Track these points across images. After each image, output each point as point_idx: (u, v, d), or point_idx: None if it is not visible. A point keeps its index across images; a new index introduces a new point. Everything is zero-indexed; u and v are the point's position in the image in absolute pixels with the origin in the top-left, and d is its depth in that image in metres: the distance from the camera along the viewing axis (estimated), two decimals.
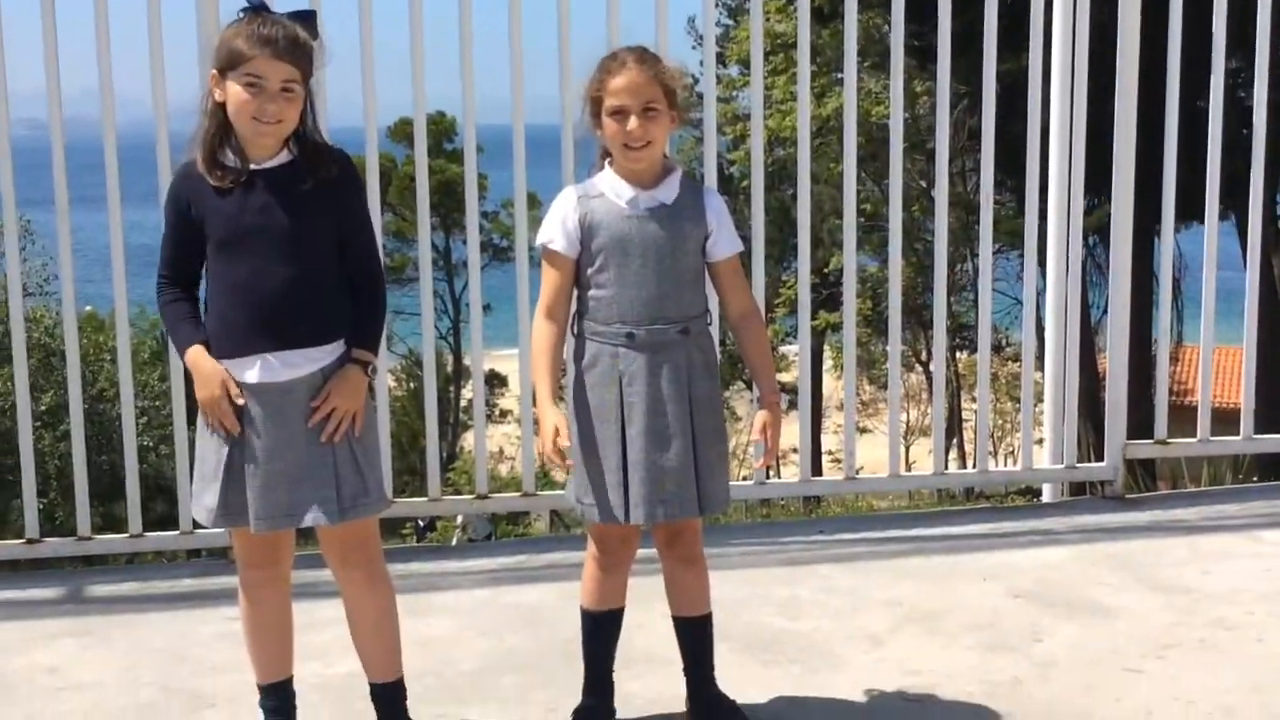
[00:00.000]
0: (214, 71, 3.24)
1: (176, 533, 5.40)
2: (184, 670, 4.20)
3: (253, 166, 3.26)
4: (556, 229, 3.46)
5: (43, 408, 16.70)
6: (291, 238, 3.24)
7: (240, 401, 3.23)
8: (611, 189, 3.46)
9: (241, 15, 3.26)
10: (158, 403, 19.47)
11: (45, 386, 17.51)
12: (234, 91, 3.20)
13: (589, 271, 3.46)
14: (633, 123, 3.35)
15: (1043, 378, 6.38)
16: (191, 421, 4.17)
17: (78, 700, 3.98)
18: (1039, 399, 6.33)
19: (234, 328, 3.26)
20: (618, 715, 3.74)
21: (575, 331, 3.53)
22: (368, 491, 3.37)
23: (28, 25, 5.05)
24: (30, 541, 5.25)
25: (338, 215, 3.31)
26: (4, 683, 4.12)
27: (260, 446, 3.28)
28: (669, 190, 3.46)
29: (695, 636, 3.71)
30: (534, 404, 3.52)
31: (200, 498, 3.38)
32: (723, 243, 3.52)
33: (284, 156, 3.29)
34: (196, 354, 3.28)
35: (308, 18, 3.33)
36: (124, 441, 5.37)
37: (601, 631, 3.69)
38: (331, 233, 3.31)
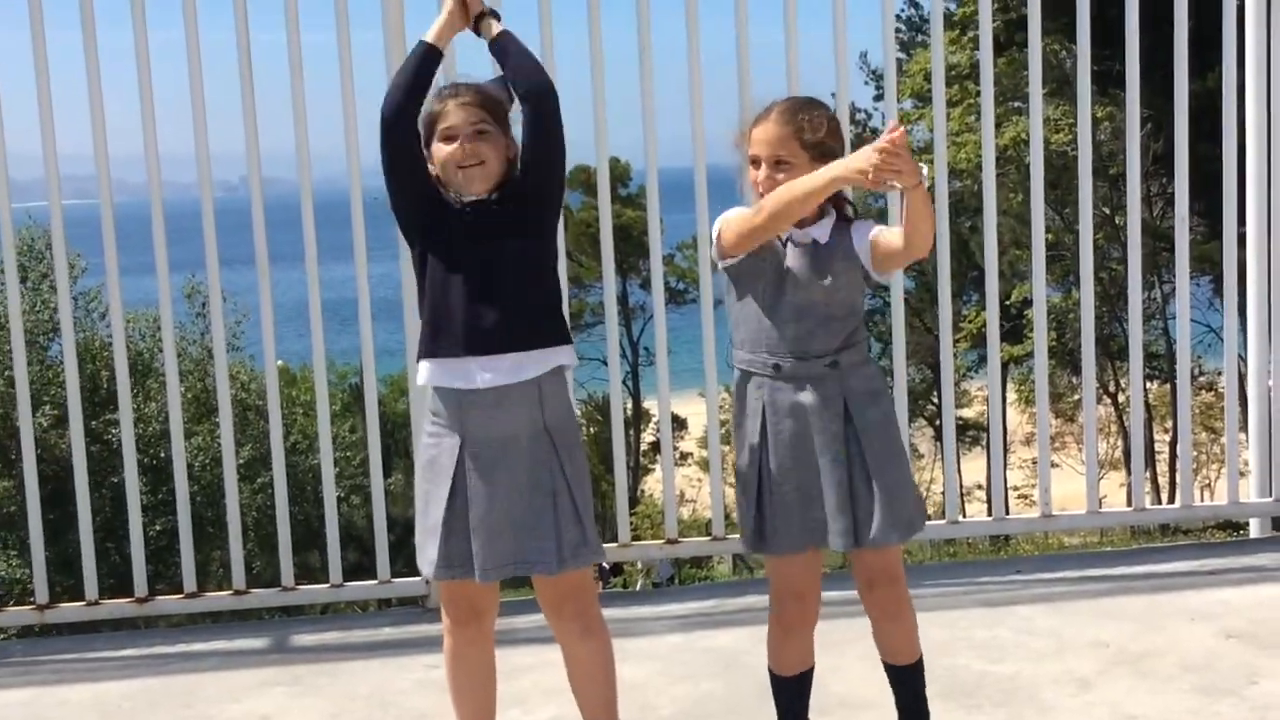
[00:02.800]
0: (427, 151, 3.38)
1: (374, 582, 5.51)
2: (389, 717, 4.27)
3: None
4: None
5: (240, 461, 17.28)
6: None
7: None
8: None
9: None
10: (348, 453, 20.03)
11: (241, 441, 18.12)
12: (437, 152, 3.34)
13: (741, 299, 3.47)
14: (762, 173, 3.41)
15: (1242, 407, 6.15)
16: (386, 474, 4.26)
17: None
18: (1240, 428, 6.10)
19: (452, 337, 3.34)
20: None
21: (731, 362, 3.54)
22: (587, 541, 3.39)
23: (224, 88, 5.25)
24: (238, 593, 5.41)
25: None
26: None
27: (483, 495, 3.32)
28: (822, 230, 3.44)
29: (904, 682, 3.65)
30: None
31: (424, 550, 3.41)
32: (869, 233, 3.43)
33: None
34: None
35: (498, 81, 3.45)
36: (324, 495, 5.51)
37: (791, 693, 3.65)
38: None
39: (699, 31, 5.35)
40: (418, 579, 5.46)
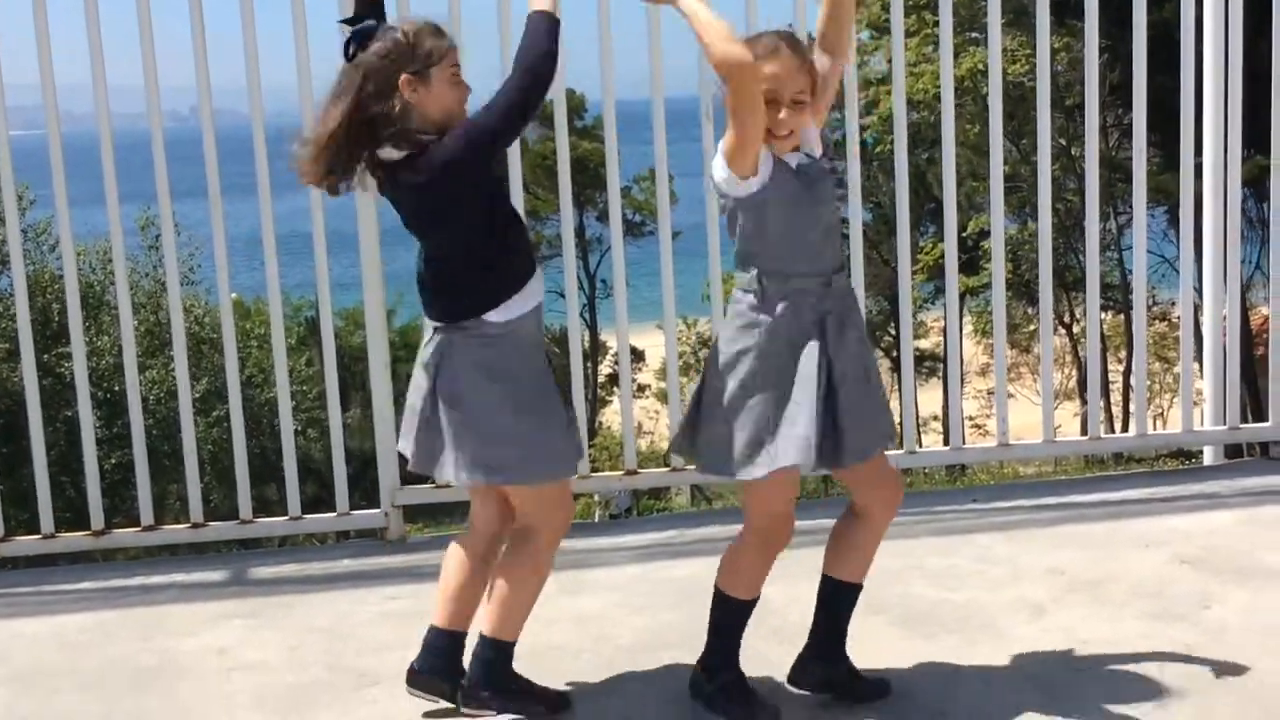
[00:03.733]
0: (407, 76, 3.40)
1: (333, 515, 5.50)
2: (348, 650, 4.27)
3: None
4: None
5: (195, 395, 17.13)
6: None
7: None
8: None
9: (361, 31, 3.47)
10: (304, 387, 19.93)
11: (196, 374, 17.97)
12: (441, 86, 3.43)
13: (770, 223, 3.39)
14: (784, 114, 3.32)
15: (1196, 337, 6.20)
16: (345, 407, 4.24)
17: (247, 679, 4.08)
18: (1194, 358, 6.15)
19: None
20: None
21: (751, 287, 3.43)
22: None
23: (173, 23, 5.17)
24: (195, 526, 5.39)
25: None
26: (178, 664, 4.23)
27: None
28: (810, 139, 3.46)
29: (846, 604, 3.70)
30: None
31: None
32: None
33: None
34: None
35: None
36: (281, 427, 5.48)
37: (747, 617, 3.68)
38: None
39: None
40: (376, 511, 5.46)
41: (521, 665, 3.68)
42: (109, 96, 5.11)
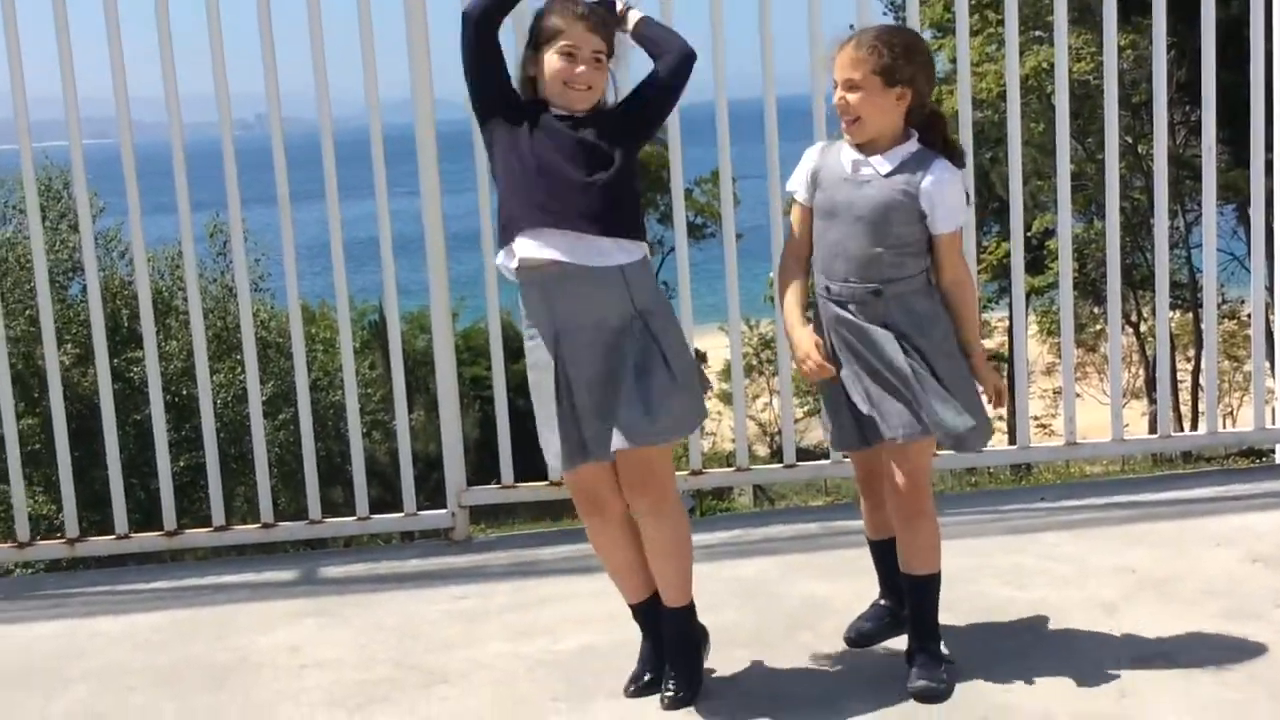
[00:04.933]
0: (529, 51, 3.55)
1: (400, 515, 5.54)
2: (418, 647, 4.31)
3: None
4: (798, 178, 3.79)
5: (263, 399, 17.26)
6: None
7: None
8: (843, 150, 3.70)
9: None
10: (368, 390, 20.07)
11: (262, 378, 18.07)
12: (549, 61, 3.50)
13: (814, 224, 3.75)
14: (836, 95, 3.64)
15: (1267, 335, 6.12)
16: (410, 409, 4.28)
17: (319, 677, 4.12)
18: (1266, 355, 6.08)
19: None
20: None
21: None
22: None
23: (242, 30, 5.23)
24: (265, 526, 5.45)
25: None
26: (251, 661, 4.28)
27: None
28: (888, 161, 3.62)
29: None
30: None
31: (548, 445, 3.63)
32: (938, 222, 3.64)
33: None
34: None
35: (609, 2, 3.65)
36: (349, 428, 5.54)
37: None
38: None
39: None
40: (443, 511, 5.51)
41: (594, 662, 3.70)
42: (180, 103, 5.18)
